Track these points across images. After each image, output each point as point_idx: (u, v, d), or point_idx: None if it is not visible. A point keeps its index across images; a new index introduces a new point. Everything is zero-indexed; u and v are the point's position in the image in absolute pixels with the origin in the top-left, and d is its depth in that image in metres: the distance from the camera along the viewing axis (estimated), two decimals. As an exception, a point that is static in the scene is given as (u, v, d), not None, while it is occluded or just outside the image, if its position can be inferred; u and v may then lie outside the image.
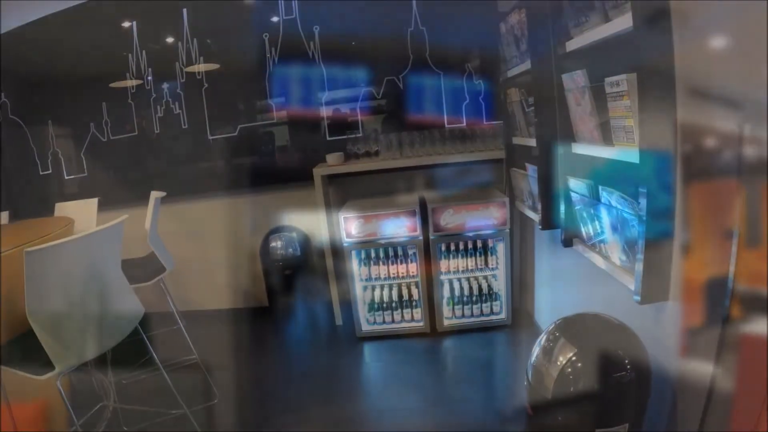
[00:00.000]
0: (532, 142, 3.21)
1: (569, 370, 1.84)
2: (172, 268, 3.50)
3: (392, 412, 3.14)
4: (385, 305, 4.09)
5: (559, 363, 1.87)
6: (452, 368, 3.67)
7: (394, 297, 4.10)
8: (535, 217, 3.37)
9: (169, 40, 4.52)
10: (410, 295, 4.10)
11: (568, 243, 2.76)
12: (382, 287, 4.17)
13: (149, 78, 4.60)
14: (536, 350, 2.02)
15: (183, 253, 4.71)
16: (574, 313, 2.16)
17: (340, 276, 4.39)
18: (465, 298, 4.00)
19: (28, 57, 4.70)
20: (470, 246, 3.95)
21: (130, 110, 4.67)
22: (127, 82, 4.62)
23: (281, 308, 4.39)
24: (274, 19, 4.36)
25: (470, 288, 4.01)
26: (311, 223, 4.45)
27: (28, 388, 2.52)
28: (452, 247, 3.95)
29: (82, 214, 3.74)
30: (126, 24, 4.53)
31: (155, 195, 3.52)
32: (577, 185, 2.53)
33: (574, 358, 1.85)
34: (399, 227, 3.89)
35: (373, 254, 4.05)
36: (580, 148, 2.47)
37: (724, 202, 1.59)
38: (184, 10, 4.45)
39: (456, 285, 4.06)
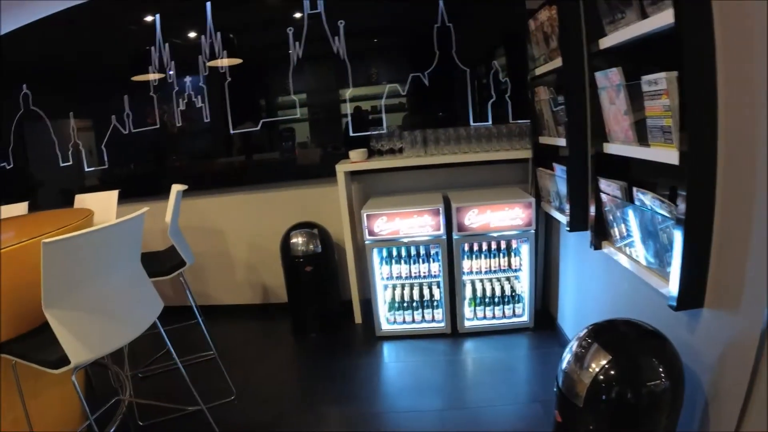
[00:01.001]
0: (561, 142, 3.16)
1: (602, 377, 1.78)
2: (193, 262, 3.48)
3: (411, 414, 3.10)
4: (405, 305, 4.05)
5: (591, 370, 1.81)
6: (473, 371, 3.61)
7: (415, 296, 4.06)
8: (562, 218, 3.31)
9: (193, 34, 4.50)
10: (431, 295, 4.05)
11: (597, 246, 2.69)
12: (402, 286, 4.14)
13: (170, 72, 4.58)
14: (567, 356, 1.96)
15: (202, 248, 4.73)
16: (601, 319, 2.11)
17: (360, 274, 4.36)
18: (487, 300, 3.95)
19: (50, 48, 4.72)
20: (494, 246, 3.90)
21: (152, 103, 4.66)
22: (149, 76, 4.61)
23: (300, 305, 4.35)
24: (297, 15, 4.33)
25: (492, 289, 3.95)
26: (333, 219, 4.43)
27: (42, 381, 2.50)
28: (475, 248, 3.89)
29: (101, 206, 3.74)
30: (149, 18, 4.52)
31: (177, 188, 3.50)
32: (608, 186, 2.47)
33: (607, 366, 1.79)
34: (422, 226, 3.84)
35: (394, 252, 4.01)
36: (613, 148, 2.40)
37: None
38: (208, 4, 4.42)
39: (478, 286, 4.01)
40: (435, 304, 4.04)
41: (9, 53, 4.79)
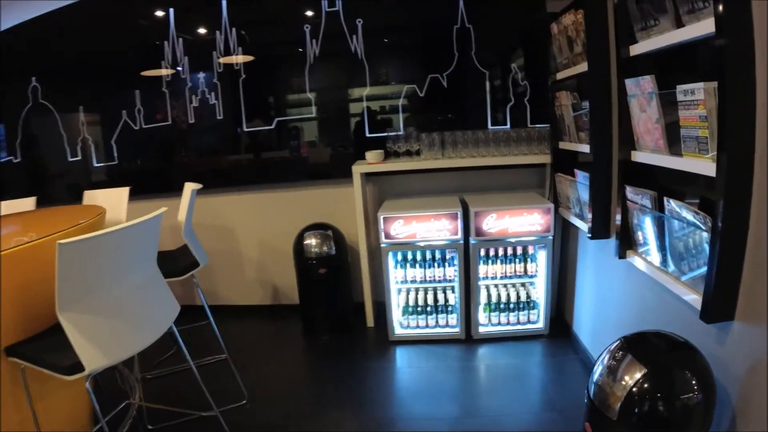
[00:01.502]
0: (583, 148, 3.13)
1: (636, 390, 1.76)
2: (206, 262, 3.44)
3: (425, 420, 3.07)
4: (419, 309, 4.01)
5: (625, 382, 1.79)
6: (488, 377, 3.58)
7: (430, 301, 4.02)
8: (582, 225, 3.28)
9: (207, 30, 4.47)
10: (446, 300, 4.02)
11: (622, 255, 2.66)
12: (417, 290, 4.09)
13: (179, 68, 4.54)
14: (599, 367, 1.94)
15: (212, 247, 4.69)
16: (621, 327, 2.10)
17: (373, 276, 4.33)
18: (502, 306, 3.92)
19: (61, 41, 4.68)
20: (510, 252, 3.87)
21: (163, 99, 4.63)
22: (161, 71, 4.58)
23: (312, 307, 4.33)
24: (314, 12, 4.31)
25: (508, 295, 3.93)
26: (346, 220, 4.40)
27: (49, 384, 2.43)
28: (491, 253, 3.86)
29: (111, 202, 3.67)
30: (162, 12, 4.49)
31: (191, 186, 3.44)
32: (636, 194, 2.44)
33: (642, 378, 1.76)
34: (439, 230, 3.81)
35: (409, 256, 3.98)
36: (642, 157, 2.37)
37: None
38: (224, 0, 4.39)
39: (493, 291, 3.98)
40: (449, 309, 4.00)
41: (18, 45, 4.73)
